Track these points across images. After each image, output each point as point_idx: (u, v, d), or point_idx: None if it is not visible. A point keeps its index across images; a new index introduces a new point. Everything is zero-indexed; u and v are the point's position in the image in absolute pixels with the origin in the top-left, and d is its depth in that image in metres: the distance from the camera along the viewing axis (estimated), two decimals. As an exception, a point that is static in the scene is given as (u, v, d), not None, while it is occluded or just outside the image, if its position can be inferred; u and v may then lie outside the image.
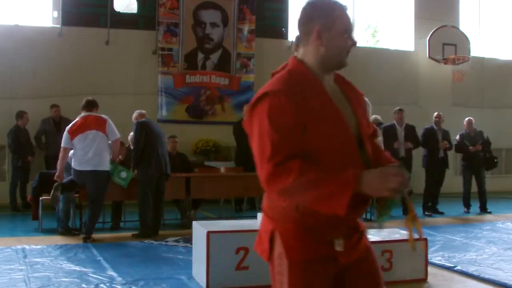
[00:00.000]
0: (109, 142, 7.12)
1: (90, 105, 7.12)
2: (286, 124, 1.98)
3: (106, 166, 7.02)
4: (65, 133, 7.00)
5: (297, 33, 2.25)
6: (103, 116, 7.11)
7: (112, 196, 7.92)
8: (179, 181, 8.14)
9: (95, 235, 7.12)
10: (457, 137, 10.32)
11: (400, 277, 5.29)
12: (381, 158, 2.27)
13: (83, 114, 7.08)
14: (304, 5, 2.17)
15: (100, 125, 6.97)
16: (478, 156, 10.08)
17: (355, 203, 1.95)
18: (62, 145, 7.03)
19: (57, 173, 7.11)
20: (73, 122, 7.12)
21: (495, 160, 10.48)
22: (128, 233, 7.56)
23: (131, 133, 8.03)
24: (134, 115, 7.81)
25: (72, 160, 7.03)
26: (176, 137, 8.91)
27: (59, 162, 7.09)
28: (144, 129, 7.27)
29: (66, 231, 7.40)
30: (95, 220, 7.14)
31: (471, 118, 10.33)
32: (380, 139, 3.43)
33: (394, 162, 2.22)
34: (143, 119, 7.57)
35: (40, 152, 9.96)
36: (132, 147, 7.70)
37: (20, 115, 9.70)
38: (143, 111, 7.85)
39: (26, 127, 9.80)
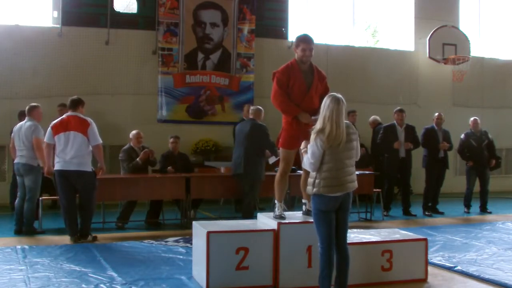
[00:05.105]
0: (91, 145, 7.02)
1: (75, 105, 7.04)
2: (282, 81, 5.21)
3: (88, 167, 6.95)
4: (49, 128, 7.01)
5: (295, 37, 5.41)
6: (88, 119, 7.00)
7: (152, 195, 8.12)
8: (179, 181, 8.15)
9: (101, 235, 7.16)
10: (462, 136, 10.30)
11: (400, 277, 5.29)
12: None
13: (69, 113, 7.04)
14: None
15: (82, 127, 6.88)
16: (484, 156, 10.08)
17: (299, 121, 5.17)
18: (45, 139, 7.06)
19: (46, 170, 7.11)
20: (57, 119, 7.11)
21: (499, 160, 10.47)
22: (129, 233, 7.55)
23: None
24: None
25: (55, 161, 6.96)
26: (178, 137, 8.90)
27: (45, 157, 7.09)
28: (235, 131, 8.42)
29: (32, 232, 7.44)
30: (88, 220, 7.04)
31: (476, 118, 10.28)
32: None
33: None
34: (244, 120, 8.70)
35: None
36: None
37: (23, 114, 9.66)
38: (252, 107, 8.43)
39: None
